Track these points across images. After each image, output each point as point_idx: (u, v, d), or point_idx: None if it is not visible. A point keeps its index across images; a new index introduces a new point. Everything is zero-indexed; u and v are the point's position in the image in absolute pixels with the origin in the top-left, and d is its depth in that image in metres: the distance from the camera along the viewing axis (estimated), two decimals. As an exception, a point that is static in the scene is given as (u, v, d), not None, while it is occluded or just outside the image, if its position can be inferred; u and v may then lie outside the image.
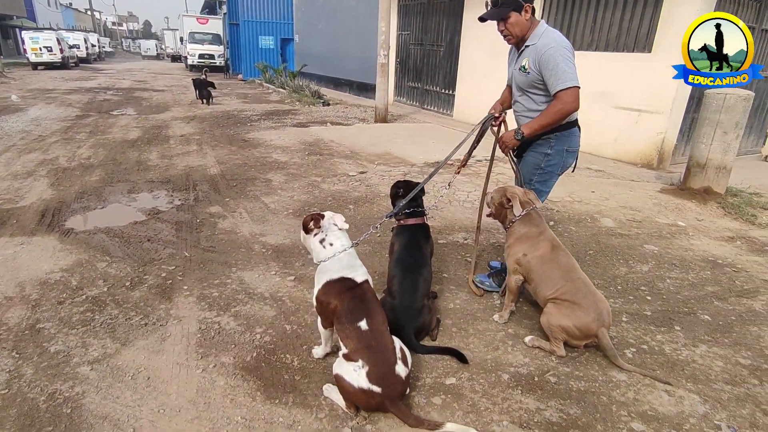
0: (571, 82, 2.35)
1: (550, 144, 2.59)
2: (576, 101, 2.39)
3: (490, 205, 2.70)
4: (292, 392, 2.08)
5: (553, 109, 2.42)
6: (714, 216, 4.47)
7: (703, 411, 2.02)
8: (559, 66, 2.36)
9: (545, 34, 2.44)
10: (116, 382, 2.09)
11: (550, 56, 2.37)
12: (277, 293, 2.91)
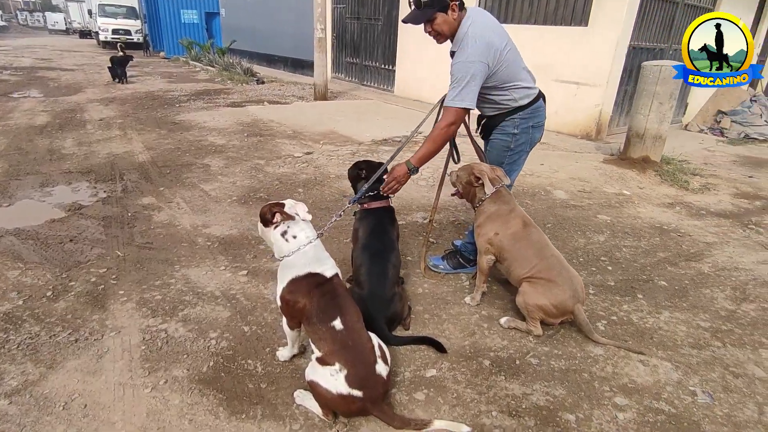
0: (453, 102, 2.28)
1: (515, 124, 2.49)
2: (453, 120, 2.34)
3: (457, 185, 2.58)
4: (259, 403, 1.86)
5: (436, 131, 2.37)
6: (653, 183, 4.69)
7: (677, 378, 2.05)
8: (454, 80, 2.29)
9: (464, 39, 2.29)
10: (44, 415, 1.75)
11: (454, 70, 2.30)
12: (229, 291, 2.62)
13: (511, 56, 2.36)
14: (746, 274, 2.98)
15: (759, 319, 2.51)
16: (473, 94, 2.30)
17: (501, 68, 2.33)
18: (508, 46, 2.34)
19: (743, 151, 6.66)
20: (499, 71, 2.34)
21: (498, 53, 2.29)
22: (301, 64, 13.64)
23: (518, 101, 2.45)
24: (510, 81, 2.40)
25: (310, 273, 1.82)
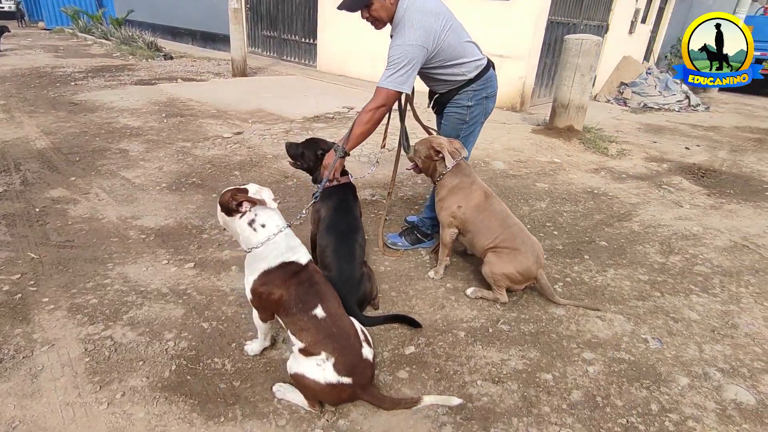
0: (385, 83, 2.23)
1: (469, 96, 2.49)
2: (382, 103, 2.27)
3: (415, 159, 2.54)
4: (236, 403, 1.73)
5: (364, 114, 2.28)
6: (578, 151, 5.02)
7: (630, 329, 2.23)
8: (390, 63, 2.25)
9: (402, 23, 2.25)
10: (-23, 452, 1.48)
11: (391, 52, 2.26)
12: (178, 286, 2.39)
13: (452, 35, 2.32)
14: (668, 230, 3.31)
15: (685, 268, 2.81)
16: (409, 78, 2.26)
17: (442, 49, 2.31)
18: (448, 24, 2.30)
19: (644, 119, 7.36)
20: (440, 52, 2.32)
21: (437, 36, 2.26)
22: (212, 37, 12.66)
23: (468, 75, 2.45)
24: (455, 59, 2.38)
25: (284, 263, 1.70)
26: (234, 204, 1.68)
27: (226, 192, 1.73)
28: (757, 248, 3.12)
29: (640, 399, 1.82)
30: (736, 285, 2.66)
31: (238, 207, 1.68)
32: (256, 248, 1.70)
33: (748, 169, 4.99)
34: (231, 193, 1.71)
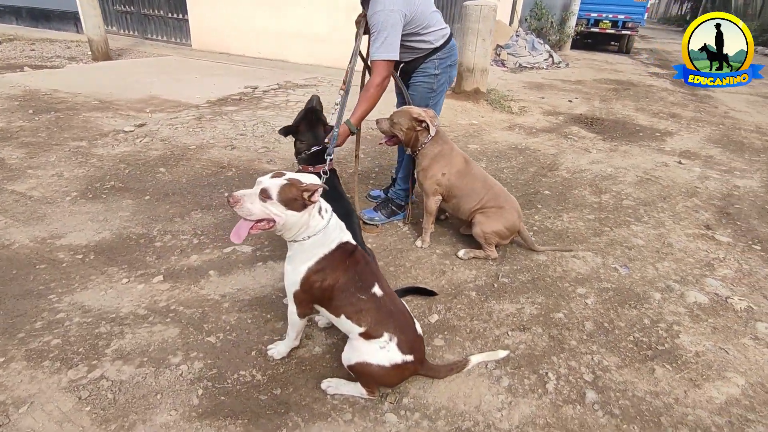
0: (380, 54, 2.27)
1: (435, 65, 2.53)
2: (385, 75, 2.31)
3: (394, 131, 2.51)
4: (288, 410, 1.62)
5: (372, 89, 2.32)
6: (488, 112, 5.39)
7: (601, 261, 2.56)
8: (376, 31, 2.25)
9: None
10: None
11: (374, 20, 2.25)
12: (156, 305, 2.09)
13: (423, 4, 2.37)
14: (589, 173, 3.79)
15: (617, 204, 3.27)
16: (396, 44, 2.27)
17: (415, 17, 2.33)
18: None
19: (524, 78, 8.13)
20: (414, 19, 2.34)
21: (412, 2, 2.28)
22: (45, 15, 10.63)
23: (434, 43, 2.48)
24: (426, 27, 2.42)
25: (340, 244, 1.60)
26: (306, 195, 1.51)
27: (288, 188, 1.53)
28: (657, 179, 3.73)
29: (634, 317, 2.12)
30: (656, 212, 3.17)
31: (311, 199, 1.52)
32: (316, 235, 1.57)
33: (620, 115, 5.86)
34: (290, 185, 1.53)
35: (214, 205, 2.96)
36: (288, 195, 1.51)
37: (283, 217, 1.53)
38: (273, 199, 1.52)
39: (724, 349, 1.95)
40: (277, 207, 1.52)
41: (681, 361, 1.88)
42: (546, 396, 1.68)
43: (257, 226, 1.64)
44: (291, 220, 1.54)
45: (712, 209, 3.26)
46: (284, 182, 1.53)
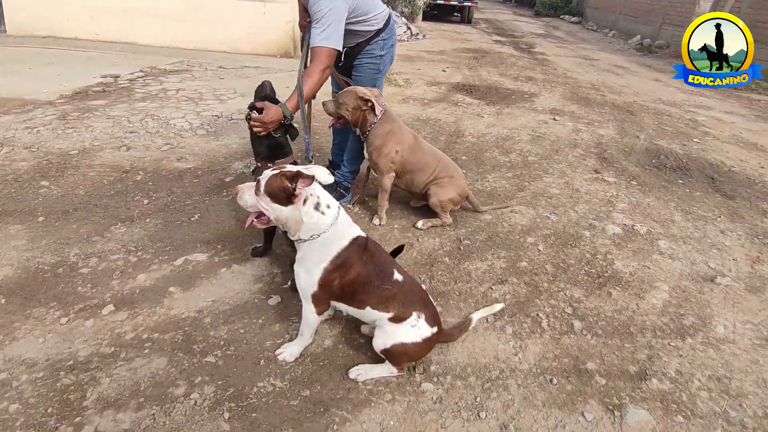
0: (322, 41, 2.18)
1: (380, 45, 2.54)
2: (327, 64, 2.23)
3: (341, 113, 2.47)
4: (328, 407, 1.58)
5: (314, 77, 2.21)
6: (381, 86, 5.50)
7: (534, 212, 2.91)
8: (318, 19, 2.16)
9: None
10: None
11: (316, 8, 2.17)
12: (122, 337, 1.80)
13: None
14: (491, 136, 4.19)
15: (524, 161, 3.70)
16: (340, 33, 2.22)
17: (358, 5, 2.32)
18: None
19: (395, 51, 8.40)
20: (357, 7, 2.32)
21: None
22: None
23: (377, 25, 2.49)
24: (367, 13, 2.42)
25: (353, 239, 1.56)
26: (292, 188, 1.41)
27: (273, 176, 1.42)
28: (544, 136, 4.31)
29: (578, 254, 2.50)
30: (555, 164, 3.69)
31: (295, 190, 1.42)
32: (324, 233, 1.50)
33: (490, 81, 6.50)
34: (280, 176, 1.42)
35: (136, 216, 2.58)
36: (272, 187, 1.45)
37: (271, 211, 1.49)
38: (261, 191, 1.48)
39: (646, 266, 2.44)
40: (264, 200, 1.48)
41: (624, 281, 2.29)
42: (545, 333, 1.93)
43: (260, 220, 1.57)
44: (280, 215, 1.49)
45: (593, 156, 3.91)
46: (271, 174, 1.46)
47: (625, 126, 4.81)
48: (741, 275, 2.42)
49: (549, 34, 13.84)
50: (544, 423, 1.55)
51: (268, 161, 2.13)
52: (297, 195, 1.44)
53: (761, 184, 3.60)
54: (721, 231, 2.84)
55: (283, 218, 1.49)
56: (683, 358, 1.85)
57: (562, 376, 1.73)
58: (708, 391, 1.71)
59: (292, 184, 1.42)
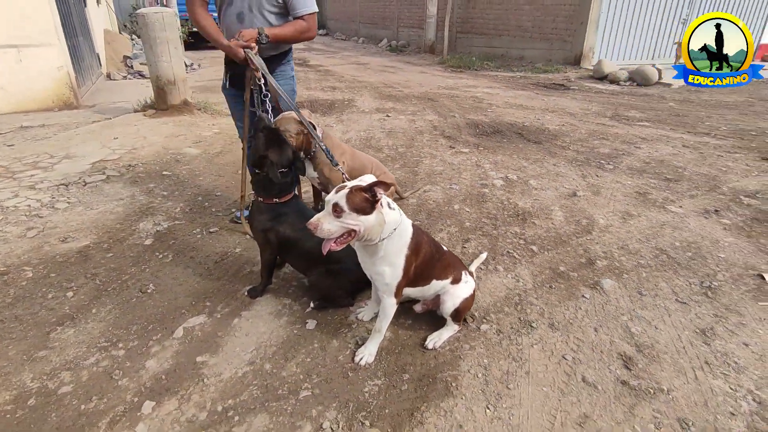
0: (314, 8, 2.42)
1: (291, 66, 2.65)
2: (316, 27, 2.48)
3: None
4: (435, 374, 1.81)
5: (300, 29, 2.40)
6: (211, 119, 5.30)
7: (440, 188, 3.49)
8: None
9: None
10: None
11: None
12: (200, 420, 1.62)
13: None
14: (353, 141, 4.62)
15: (398, 152, 4.26)
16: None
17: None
18: None
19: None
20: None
21: None
22: None
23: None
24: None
25: (412, 223, 1.79)
26: (371, 197, 1.57)
27: (351, 195, 1.54)
28: (393, 130, 4.97)
29: (493, 206, 3.18)
30: (419, 149, 4.37)
31: (376, 198, 1.58)
32: (400, 225, 1.68)
33: (304, 96, 6.89)
34: (356, 190, 1.55)
35: (72, 312, 2.12)
36: (356, 202, 1.56)
37: (361, 224, 1.59)
38: (346, 210, 1.57)
39: (535, 199, 3.29)
40: (351, 217, 1.57)
41: (533, 213, 3.07)
42: (523, 260, 2.51)
43: (339, 241, 1.65)
44: (369, 224, 1.61)
45: (439, 134, 4.77)
46: (347, 192, 1.58)
47: (439, 110, 5.91)
48: (584, 187, 3.51)
49: (309, 48, 14.91)
50: (570, 311, 2.12)
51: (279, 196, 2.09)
52: (378, 200, 1.60)
53: (546, 130, 5.05)
54: (553, 165, 3.98)
55: (370, 226, 1.61)
56: (598, 244, 2.69)
57: (554, 281, 2.34)
58: (624, 255, 2.57)
59: (370, 193, 1.58)
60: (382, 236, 1.68)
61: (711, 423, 1.58)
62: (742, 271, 2.44)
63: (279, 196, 2.07)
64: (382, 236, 1.68)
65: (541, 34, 10.48)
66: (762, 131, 5.10)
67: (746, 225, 2.93)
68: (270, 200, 2.08)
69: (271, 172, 1.97)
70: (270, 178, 2.00)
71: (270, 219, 2.08)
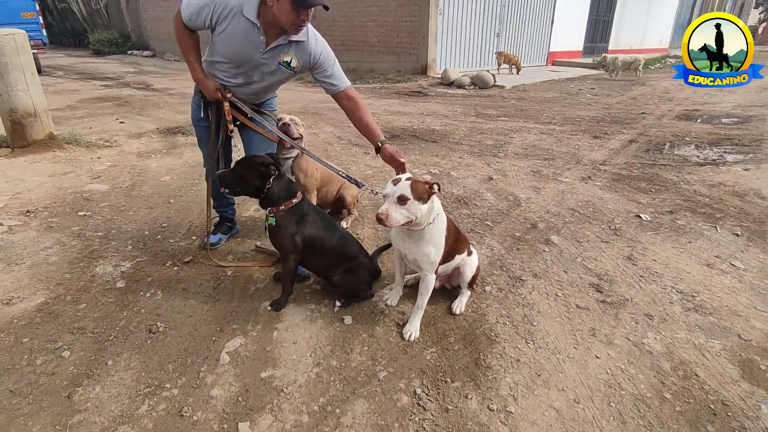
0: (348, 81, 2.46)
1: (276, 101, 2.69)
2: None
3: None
4: (475, 331, 2.15)
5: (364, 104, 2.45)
6: (88, 152, 4.69)
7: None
8: (336, 63, 2.37)
9: (310, 29, 2.23)
10: None
11: (328, 54, 2.32)
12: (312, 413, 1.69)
13: None
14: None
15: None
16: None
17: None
18: None
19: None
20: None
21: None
22: None
23: None
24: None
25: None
26: (429, 188, 1.84)
27: (415, 185, 1.79)
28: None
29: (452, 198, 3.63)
30: (343, 156, 4.61)
31: (432, 189, 1.86)
32: (438, 214, 1.98)
33: (180, 118, 6.47)
34: (415, 182, 1.81)
35: (88, 370, 1.89)
36: (419, 191, 1.84)
37: (420, 211, 1.86)
38: (411, 198, 1.84)
39: (467, 187, 3.84)
40: (414, 205, 1.84)
41: (471, 200, 3.61)
42: (486, 233, 3.00)
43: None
44: (424, 211, 1.88)
45: (347, 143, 5.06)
46: (410, 183, 1.86)
47: (331, 122, 6.21)
48: (493, 172, 4.20)
49: (144, 71, 13.62)
50: (541, 263, 2.67)
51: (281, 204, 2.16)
52: (434, 192, 1.89)
53: (434, 131, 5.76)
54: (459, 158, 4.63)
55: (426, 213, 1.88)
56: (531, 212, 3.35)
57: (518, 244, 2.88)
58: (552, 218, 3.26)
59: (428, 185, 1.86)
60: (429, 221, 1.96)
61: (662, 311, 2.26)
62: (626, 215, 3.33)
63: (292, 198, 2.18)
64: (429, 221, 1.96)
65: (387, 48, 11.53)
66: (582, 118, 6.65)
67: (611, 184, 3.95)
68: (289, 204, 2.16)
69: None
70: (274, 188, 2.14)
71: (296, 222, 2.17)
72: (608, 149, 5.05)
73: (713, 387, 1.80)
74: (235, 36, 2.14)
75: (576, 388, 1.80)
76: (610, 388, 1.80)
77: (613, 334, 2.09)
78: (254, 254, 2.78)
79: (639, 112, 7.35)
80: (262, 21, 2.10)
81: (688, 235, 3.02)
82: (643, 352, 1.99)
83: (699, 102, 8.36)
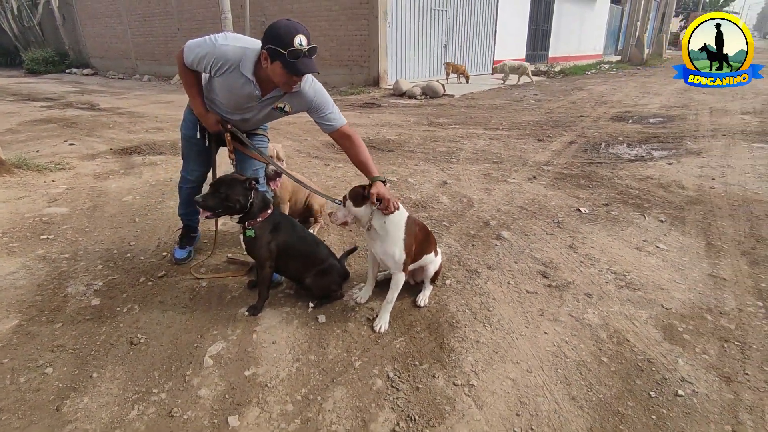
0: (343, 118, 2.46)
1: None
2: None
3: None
4: (439, 320, 2.38)
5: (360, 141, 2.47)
6: (41, 176, 4.60)
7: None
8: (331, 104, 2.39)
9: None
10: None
11: (323, 98, 2.36)
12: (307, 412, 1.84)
13: None
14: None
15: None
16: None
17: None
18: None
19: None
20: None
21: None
22: None
23: None
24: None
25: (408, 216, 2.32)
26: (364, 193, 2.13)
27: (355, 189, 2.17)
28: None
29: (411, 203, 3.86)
30: (304, 167, 4.76)
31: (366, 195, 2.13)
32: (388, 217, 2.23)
33: (142, 137, 6.41)
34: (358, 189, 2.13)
35: (72, 384, 1.96)
36: (353, 195, 2.20)
37: (356, 212, 2.20)
38: (348, 200, 2.22)
39: (422, 191, 4.10)
40: (349, 205, 2.21)
41: (429, 203, 3.87)
42: (444, 233, 3.24)
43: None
44: (360, 213, 2.20)
45: (306, 155, 5.21)
46: (350, 189, 2.21)
47: (288, 135, 6.32)
48: (447, 177, 4.48)
49: (87, 90, 13.19)
50: (494, 256, 2.94)
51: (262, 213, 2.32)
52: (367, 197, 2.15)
53: (390, 140, 6.01)
54: (415, 165, 4.90)
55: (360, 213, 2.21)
56: (483, 212, 3.63)
57: (472, 241, 3.15)
58: (503, 215, 3.56)
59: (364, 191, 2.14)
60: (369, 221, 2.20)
61: (599, 290, 2.58)
62: (568, 210, 3.69)
63: (267, 208, 2.34)
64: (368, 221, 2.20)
65: (339, 61, 11.79)
66: (527, 123, 7.14)
67: (554, 182, 4.33)
68: (264, 214, 2.32)
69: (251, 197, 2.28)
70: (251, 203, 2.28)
71: (270, 230, 2.32)
72: (551, 151, 5.49)
73: (641, 349, 2.11)
74: (233, 88, 2.24)
75: (528, 360, 2.06)
76: (556, 358, 2.07)
77: (559, 313, 2.38)
78: (226, 265, 2.89)
79: (578, 115, 7.96)
80: (258, 77, 2.20)
81: (620, 224, 3.41)
82: (584, 326, 2.28)
83: (630, 104, 9.12)
